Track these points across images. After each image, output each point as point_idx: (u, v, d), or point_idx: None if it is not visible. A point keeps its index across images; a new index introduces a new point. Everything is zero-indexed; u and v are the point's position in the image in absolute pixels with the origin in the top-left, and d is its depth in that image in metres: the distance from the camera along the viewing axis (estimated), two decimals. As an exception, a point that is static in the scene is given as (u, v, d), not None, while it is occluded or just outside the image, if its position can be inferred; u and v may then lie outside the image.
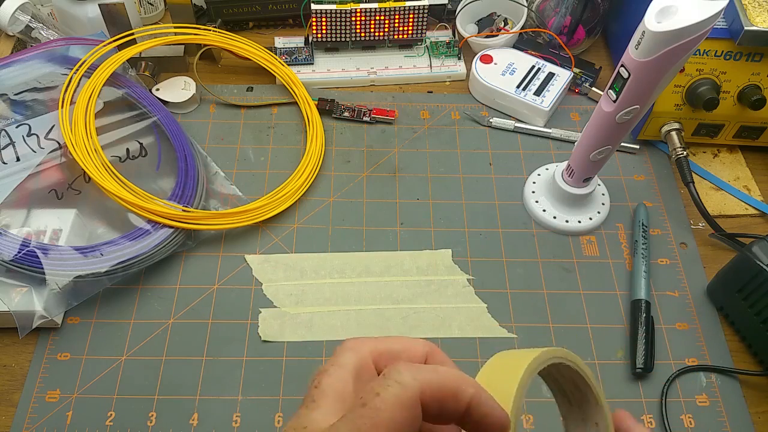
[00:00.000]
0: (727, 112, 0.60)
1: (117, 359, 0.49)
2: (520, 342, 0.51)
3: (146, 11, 0.72)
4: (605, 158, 0.52)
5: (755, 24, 0.54)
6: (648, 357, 0.50)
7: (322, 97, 0.66)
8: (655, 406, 0.49)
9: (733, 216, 0.61)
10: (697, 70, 0.58)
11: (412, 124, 0.66)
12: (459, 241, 0.57)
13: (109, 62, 0.59)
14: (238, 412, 0.47)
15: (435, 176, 0.62)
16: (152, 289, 0.53)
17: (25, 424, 0.46)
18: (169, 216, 0.53)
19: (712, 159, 0.65)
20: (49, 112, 0.57)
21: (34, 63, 0.59)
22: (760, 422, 0.48)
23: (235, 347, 0.50)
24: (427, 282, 0.54)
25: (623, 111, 0.46)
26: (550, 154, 0.64)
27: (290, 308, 0.52)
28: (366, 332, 0.51)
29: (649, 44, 0.40)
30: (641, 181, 0.62)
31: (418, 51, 0.72)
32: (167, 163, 0.58)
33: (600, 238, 0.58)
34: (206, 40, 0.65)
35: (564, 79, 0.66)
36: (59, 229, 0.52)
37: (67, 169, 0.56)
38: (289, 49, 0.70)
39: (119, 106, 0.60)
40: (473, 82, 0.68)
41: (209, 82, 0.68)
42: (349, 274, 0.55)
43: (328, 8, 0.66)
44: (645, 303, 0.52)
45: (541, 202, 0.59)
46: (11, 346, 0.50)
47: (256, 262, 0.55)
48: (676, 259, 0.57)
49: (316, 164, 0.61)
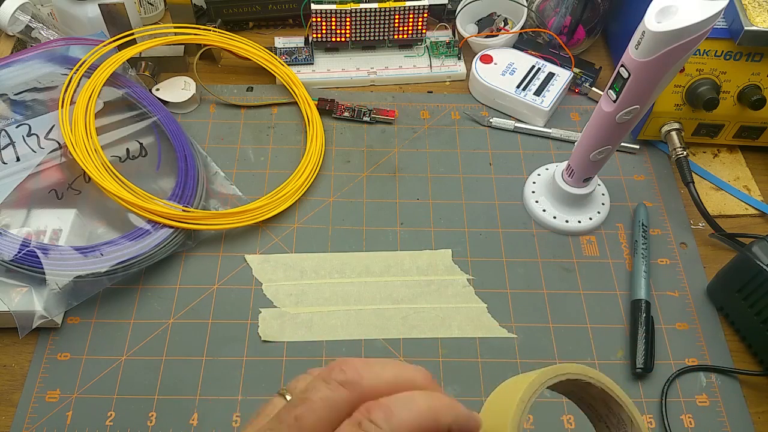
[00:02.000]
0: (727, 112, 0.60)
1: (117, 359, 0.49)
2: (520, 342, 0.51)
3: (146, 11, 0.72)
4: (605, 158, 0.52)
5: (755, 24, 0.54)
6: (648, 357, 0.50)
7: (322, 97, 0.66)
8: (655, 406, 0.49)
9: (733, 216, 0.61)
10: (697, 70, 0.58)
11: (412, 124, 0.66)
12: (459, 241, 0.57)
13: (109, 62, 0.59)
14: (238, 412, 0.47)
15: (435, 176, 0.62)
16: (152, 289, 0.53)
17: (25, 424, 0.46)
18: (169, 216, 0.53)
19: (712, 159, 0.65)
20: (49, 112, 0.57)
21: (34, 63, 0.59)
22: (760, 422, 0.48)
23: (235, 347, 0.50)
24: (427, 282, 0.54)
25: (623, 111, 0.46)
26: (550, 154, 0.64)
27: (290, 308, 0.52)
28: (366, 332, 0.51)
29: (649, 44, 0.40)
30: (641, 181, 0.62)
31: (418, 51, 0.72)
32: (167, 163, 0.58)
33: (600, 238, 0.58)
34: (206, 40, 0.65)
35: (564, 79, 0.67)
36: (59, 229, 0.52)
37: (67, 169, 0.56)
38: (289, 49, 0.70)
39: (119, 106, 0.60)
40: (473, 82, 0.68)
41: (209, 82, 0.68)
42: (349, 274, 0.55)
43: (328, 8, 0.66)
44: (645, 303, 0.52)
45: (541, 202, 0.59)
46: (11, 346, 0.50)
47: (256, 262, 0.55)
48: (676, 259, 0.57)
49: (316, 164, 0.61)
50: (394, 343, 0.51)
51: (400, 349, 0.51)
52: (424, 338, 0.51)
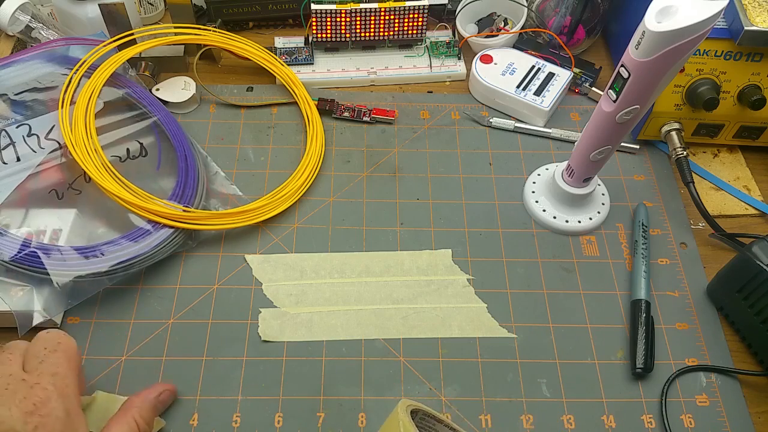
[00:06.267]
0: (727, 112, 0.60)
1: (117, 359, 0.49)
2: (520, 342, 0.51)
3: (146, 11, 0.72)
4: (605, 158, 0.52)
5: (755, 24, 0.54)
6: (648, 357, 0.50)
7: (322, 97, 0.66)
8: (655, 406, 0.49)
9: (733, 216, 0.61)
10: (697, 70, 0.58)
11: (412, 124, 0.66)
12: (459, 241, 0.57)
13: (109, 62, 0.59)
14: (238, 412, 0.47)
15: (435, 176, 0.62)
16: (152, 289, 0.53)
17: (25, 424, 0.46)
18: (169, 216, 0.53)
19: (712, 159, 0.65)
20: (49, 112, 0.57)
21: (34, 63, 0.59)
22: (760, 422, 0.48)
23: (235, 347, 0.50)
24: (427, 282, 0.54)
25: (623, 111, 0.46)
26: (550, 154, 0.64)
27: (290, 308, 0.52)
28: (366, 332, 0.51)
29: (649, 44, 0.40)
30: (641, 181, 0.62)
31: (418, 51, 0.72)
32: (167, 162, 0.58)
33: (600, 238, 0.58)
34: (206, 40, 0.65)
35: (564, 79, 0.67)
36: (59, 229, 0.52)
37: (67, 169, 0.56)
38: (289, 49, 0.70)
39: (119, 106, 0.60)
40: (473, 82, 0.68)
41: (209, 82, 0.68)
42: (349, 274, 0.55)
43: (328, 8, 0.66)
44: (645, 303, 0.52)
45: (541, 202, 0.59)
46: (11, 346, 0.50)
47: (256, 262, 0.55)
48: (676, 259, 0.57)
49: (316, 164, 0.61)
50: (394, 343, 0.51)
51: (400, 349, 0.51)
52: (424, 338, 0.51)
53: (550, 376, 0.50)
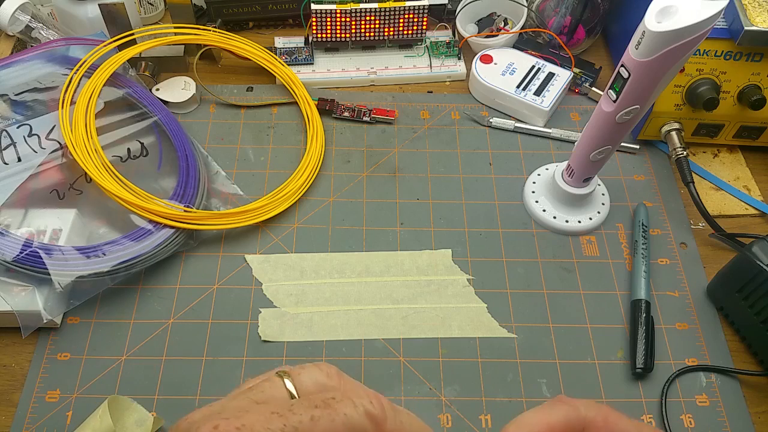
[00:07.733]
0: (727, 112, 0.60)
1: (117, 359, 0.49)
2: (520, 342, 0.51)
3: (146, 11, 0.72)
4: (605, 158, 0.52)
5: (755, 24, 0.54)
6: (648, 357, 0.50)
7: (322, 97, 0.66)
8: (655, 406, 0.49)
9: (733, 216, 0.61)
10: (697, 70, 0.58)
11: (412, 124, 0.66)
12: (459, 241, 0.57)
13: (109, 62, 0.59)
14: (238, 411, 0.47)
15: (435, 176, 0.62)
16: (152, 289, 0.53)
17: (25, 424, 0.46)
18: (170, 216, 0.53)
19: (712, 159, 0.65)
20: (49, 113, 0.57)
21: (35, 63, 0.59)
22: (760, 422, 0.48)
23: (235, 347, 0.50)
24: (427, 282, 0.54)
25: (623, 111, 0.46)
26: (550, 154, 0.64)
27: (290, 308, 0.52)
28: (366, 332, 0.51)
29: (649, 44, 0.40)
30: (641, 181, 0.62)
31: (418, 51, 0.72)
32: (168, 162, 0.58)
33: (600, 238, 0.58)
34: (206, 40, 0.65)
35: (564, 79, 0.67)
36: (59, 228, 0.51)
37: (68, 169, 0.56)
38: (289, 49, 0.70)
39: (120, 106, 0.60)
40: (473, 82, 0.68)
41: (209, 82, 0.68)
42: (349, 274, 0.55)
43: (328, 8, 0.66)
44: (645, 303, 0.52)
45: (541, 202, 0.59)
46: (11, 346, 0.50)
47: (256, 262, 0.55)
48: (676, 259, 0.57)
49: (316, 164, 0.61)
50: (394, 342, 0.51)
51: (400, 349, 0.51)
52: (424, 338, 0.51)
53: (550, 376, 0.50)
